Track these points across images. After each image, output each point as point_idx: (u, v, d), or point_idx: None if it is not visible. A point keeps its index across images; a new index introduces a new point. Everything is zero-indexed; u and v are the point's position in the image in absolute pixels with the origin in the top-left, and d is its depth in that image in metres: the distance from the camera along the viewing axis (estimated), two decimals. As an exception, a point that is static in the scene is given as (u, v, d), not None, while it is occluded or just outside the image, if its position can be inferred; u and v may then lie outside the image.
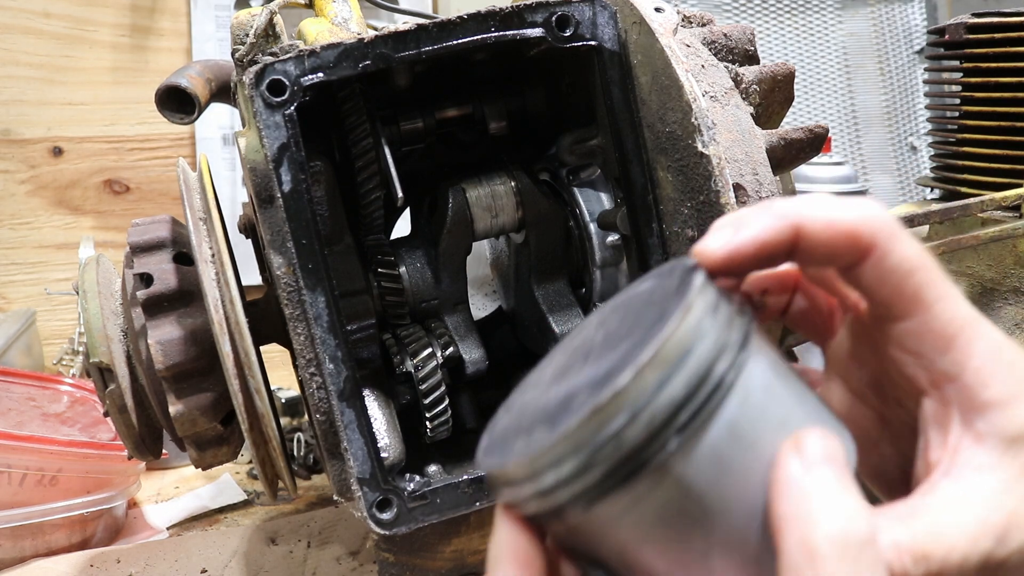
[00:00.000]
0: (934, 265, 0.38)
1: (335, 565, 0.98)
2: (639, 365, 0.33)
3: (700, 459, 0.34)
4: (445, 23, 0.67)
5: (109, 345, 0.78)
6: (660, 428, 0.33)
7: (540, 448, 0.34)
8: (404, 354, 0.81)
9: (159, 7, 1.59)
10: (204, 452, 0.80)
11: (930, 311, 0.38)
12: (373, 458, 0.67)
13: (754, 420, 0.35)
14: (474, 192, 0.83)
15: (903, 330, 0.39)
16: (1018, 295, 1.01)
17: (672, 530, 0.34)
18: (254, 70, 0.64)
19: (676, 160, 0.68)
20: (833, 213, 0.38)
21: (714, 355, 0.35)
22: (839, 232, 0.38)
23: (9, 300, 1.57)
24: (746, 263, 0.39)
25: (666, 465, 0.34)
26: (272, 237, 0.66)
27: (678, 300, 0.35)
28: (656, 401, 0.33)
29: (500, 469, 0.36)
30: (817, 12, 2.02)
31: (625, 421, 0.33)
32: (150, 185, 1.62)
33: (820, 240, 0.38)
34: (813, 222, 0.38)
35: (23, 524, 0.97)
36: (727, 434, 0.34)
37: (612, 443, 0.33)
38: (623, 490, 0.34)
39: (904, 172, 2.05)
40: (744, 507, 0.34)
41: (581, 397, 0.34)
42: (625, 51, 0.71)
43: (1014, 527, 0.36)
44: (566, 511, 0.35)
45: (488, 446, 0.38)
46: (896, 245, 0.38)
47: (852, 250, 0.38)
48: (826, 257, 0.39)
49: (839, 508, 0.33)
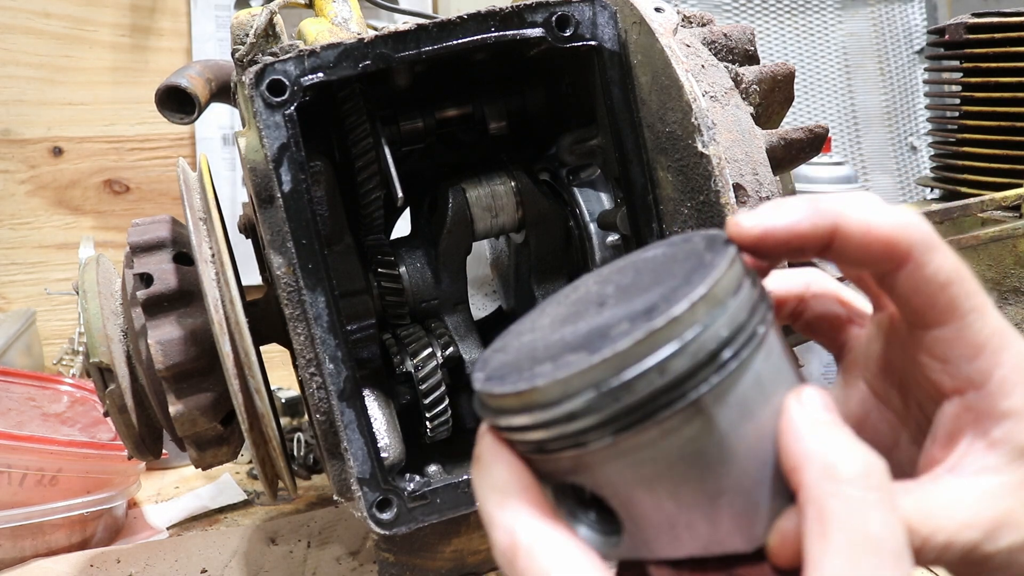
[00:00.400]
0: (969, 276, 0.39)
1: (335, 565, 0.98)
2: (694, 298, 0.34)
3: (730, 401, 0.35)
4: (445, 23, 0.67)
5: (109, 345, 0.78)
6: (704, 363, 0.34)
7: (581, 368, 0.33)
8: (404, 354, 0.81)
9: (159, 7, 1.59)
10: (204, 452, 0.80)
11: (963, 321, 0.38)
12: (373, 458, 0.67)
13: (773, 376, 0.36)
14: (474, 192, 0.83)
15: (934, 337, 0.39)
16: (1018, 295, 1.01)
17: (689, 470, 0.35)
18: (254, 70, 0.64)
19: (676, 160, 0.68)
20: (873, 217, 0.38)
21: (751, 307, 0.36)
22: (877, 237, 0.38)
23: (9, 300, 1.57)
24: (776, 247, 0.39)
25: (700, 402, 0.34)
26: (272, 237, 0.66)
27: (717, 254, 0.36)
28: (704, 335, 0.34)
29: (527, 389, 0.35)
30: (817, 12, 2.02)
31: (675, 349, 0.33)
32: (150, 185, 1.62)
33: (856, 242, 0.38)
34: (851, 222, 0.38)
35: (23, 524, 0.97)
36: (753, 383, 0.35)
37: (656, 370, 0.33)
38: (654, 422, 0.34)
39: (904, 172, 2.05)
40: (756, 454, 0.36)
41: (622, 327, 0.34)
42: (625, 51, 0.71)
43: (1005, 526, 0.37)
44: (588, 440, 0.34)
45: (488, 377, 0.37)
46: (933, 256, 0.38)
47: (887, 257, 0.38)
48: (860, 259, 0.39)
49: (848, 444, 0.35)
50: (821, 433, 0.35)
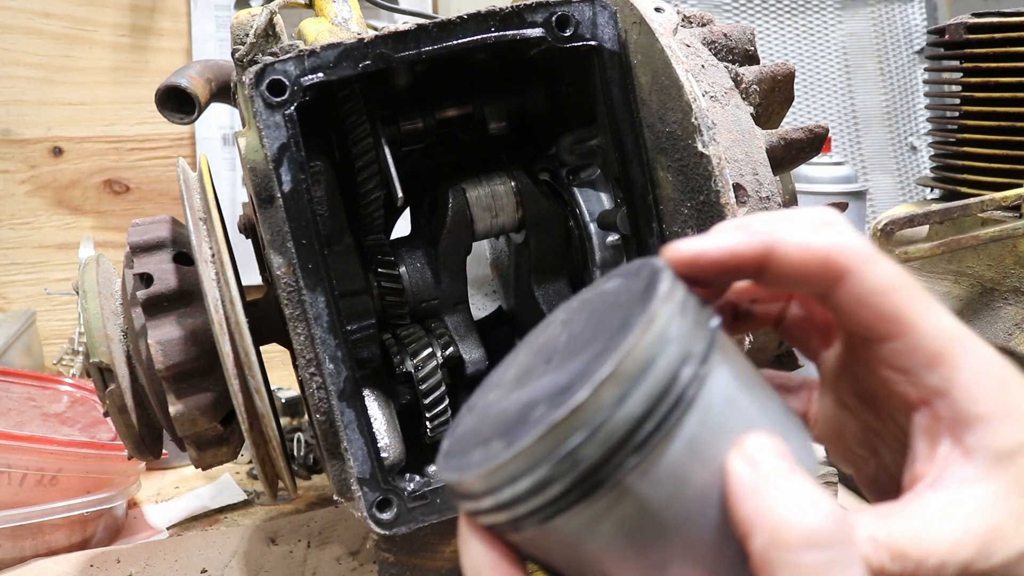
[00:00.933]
0: (913, 284, 0.38)
1: (335, 565, 0.98)
2: (597, 381, 0.32)
3: (658, 477, 0.33)
4: (445, 23, 0.67)
5: (109, 345, 0.78)
6: (618, 446, 0.33)
7: (495, 464, 0.33)
8: (404, 354, 0.81)
9: (159, 7, 1.59)
10: (204, 452, 0.80)
11: (914, 330, 0.38)
12: (373, 458, 0.67)
13: (713, 435, 0.34)
14: (474, 192, 0.83)
15: (889, 350, 0.38)
16: (1018, 295, 1.01)
17: (629, 546, 0.34)
18: (254, 70, 0.64)
19: (676, 160, 0.68)
20: (807, 237, 0.38)
21: (675, 369, 0.34)
22: (811, 256, 0.37)
23: (9, 300, 1.57)
24: (711, 271, 0.38)
25: (623, 483, 0.33)
26: (272, 237, 0.66)
27: (642, 308, 0.34)
28: (614, 418, 0.32)
29: (456, 482, 0.35)
30: (817, 12, 2.02)
31: (582, 439, 0.32)
32: (150, 185, 1.62)
33: (791, 262, 0.38)
34: (785, 244, 0.38)
35: (23, 524, 0.97)
36: (686, 450, 0.34)
37: (568, 461, 0.32)
38: (580, 507, 0.33)
39: (904, 172, 2.05)
40: (704, 520, 0.34)
41: (539, 410, 0.34)
42: (625, 51, 0.71)
43: (997, 540, 0.36)
44: (522, 525, 0.34)
45: (448, 451, 0.37)
46: (871, 267, 0.37)
47: (824, 275, 0.38)
48: (797, 279, 0.38)
49: (798, 500, 0.32)
50: (767, 491, 0.33)
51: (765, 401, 0.37)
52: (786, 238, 0.38)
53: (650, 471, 0.33)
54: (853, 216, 1.44)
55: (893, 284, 0.38)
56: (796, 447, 0.35)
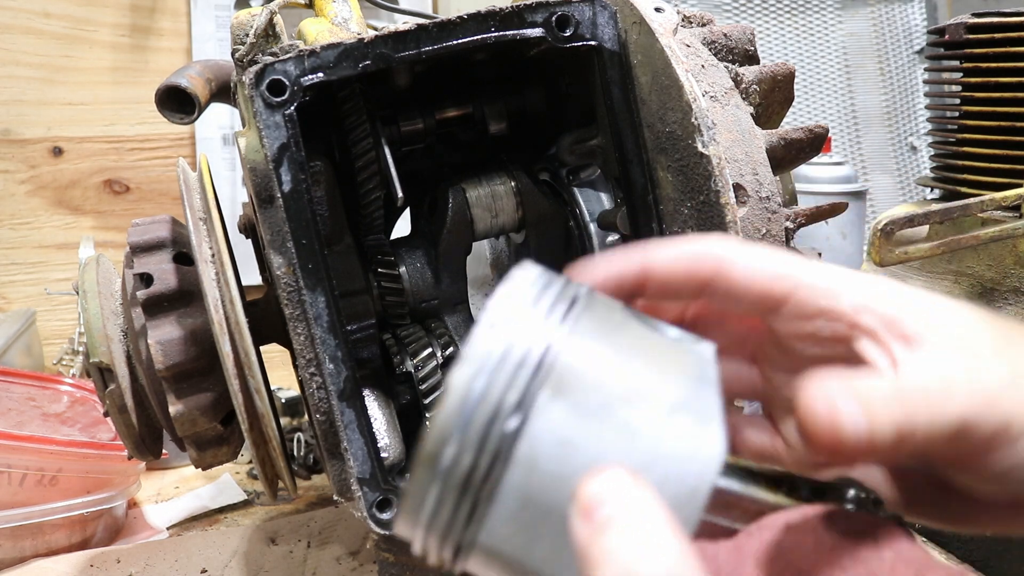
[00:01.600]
0: (783, 253, 0.40)
1: (335, 565, 0.98)
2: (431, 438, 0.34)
3: (499, 532, 0.33)
4: (445, 23, 0.67)
5: (109, 345, 0.78)
6: (457, 501, 0.34)
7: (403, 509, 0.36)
8: (404, 354, 0.81)
9: (159, 7, 1.59)
10: (204, 452, 0.80)
11: (801, 278, 0.39)
12: (373, 458, 0.67)
13: (547, 484, 0.33)
14: (474, 192, 0.83)
15: (792, 309, 0.40)
16: (1018, 295, 1.01)
17: None
18: (254, 70, 0.64)
19: (676, 160, 0.68)
20: (676, 249, 0.41)
21: (484, 430, 0.33)
22: (681, 260, 0.41)
23: (9, 300, 1.57)
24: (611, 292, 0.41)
25: (474, 541, 0.34)
26: (272, 237, 0.66)
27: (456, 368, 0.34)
28: (454, 471, 0.33)
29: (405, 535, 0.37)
30: (817, 12, 2.02)
31: (438, 491, 0.34)
32: (150, 185, 1.62)
33: (667, 273, 0.41)
34: (657, 259, 0.41)
35: (23, 524, 0.97)
36: (518, 505, 0.33)
37: (437, 509, 0.34)
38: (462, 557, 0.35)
39: (904, 172, 2.05)
40: (565, 562, 0.33)
41: None
42: (625, 51, 0.71)
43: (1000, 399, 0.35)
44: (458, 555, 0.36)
45: None
46: (739, 254, 0.40)
47: (696, 273, 0.40)
48: (676, 287, 0.41)
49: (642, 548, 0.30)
50: (607, 544, 0.31)
51: (626, 408, 0.34)
52: (658, 253, 0.41)
53: (487, 528, 0.33)
54: (853, 216, 1.44)
55: (763, 259, 0.40)
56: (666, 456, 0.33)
